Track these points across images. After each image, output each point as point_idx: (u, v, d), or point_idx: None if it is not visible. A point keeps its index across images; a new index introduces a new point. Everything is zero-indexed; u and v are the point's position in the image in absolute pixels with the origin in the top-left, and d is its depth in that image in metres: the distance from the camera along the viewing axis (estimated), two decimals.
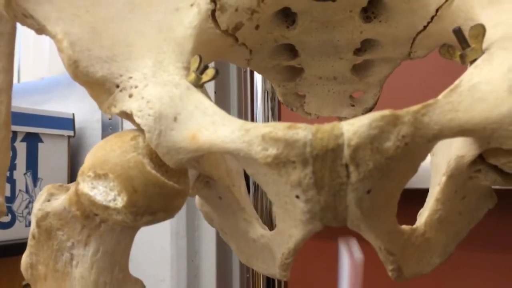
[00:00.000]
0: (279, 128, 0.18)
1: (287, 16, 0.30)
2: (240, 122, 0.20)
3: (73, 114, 0.92)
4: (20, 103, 0.88)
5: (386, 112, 0.18)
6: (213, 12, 0.27)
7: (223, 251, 0.81)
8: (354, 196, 0.19)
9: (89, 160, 0.22)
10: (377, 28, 0.29)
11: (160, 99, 0.22)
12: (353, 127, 0.18)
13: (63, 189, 0.25)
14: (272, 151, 0.18)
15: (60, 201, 0.24)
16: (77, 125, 0.94)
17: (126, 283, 0.25)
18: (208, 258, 0.82)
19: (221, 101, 0.70)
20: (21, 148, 0.83)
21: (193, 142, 0.21)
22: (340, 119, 0.35)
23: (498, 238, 0.56)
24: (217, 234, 0.80)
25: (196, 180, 0.26)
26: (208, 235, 0.81)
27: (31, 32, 0.32)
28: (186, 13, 0.27)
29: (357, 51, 0.32)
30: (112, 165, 0.22)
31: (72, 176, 0.94)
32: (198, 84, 0.23)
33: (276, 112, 0.53)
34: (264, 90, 0.52)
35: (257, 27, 0.29)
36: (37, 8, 0.23)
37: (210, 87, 0.70)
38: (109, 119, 0.94)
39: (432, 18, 0.26)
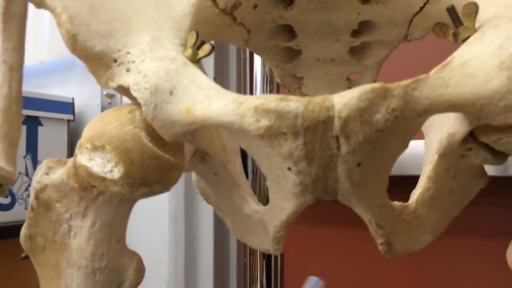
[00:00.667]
0: (271, 100, 0.18)
1: None
2: (234, 95, 0.20)
3: (73, 99, 0.92)
4: None
5: (376, 85, 0.18)
6: None
7: (220, 235, 0.82)
8: (345, 169, 0.19)
9: (87, 133, 0.23)
10: (374, 9, 0.29)
11: (156, 73, 0.22)
12: (344, 99, 0.18)
13: (61, 163, 0.26)
14: (264, 122, 0.19)
15: (59, 174, 0.25)
16: (76, 109, 0.94)
17: (123, 255, 0.25)
18: (205, 242, 0.82)
19: (220, 85, 0.71)
20: (21, 131, 0.83)
21: (187, 116, 0.21)
22: None
23: (493, 225, 0.57)
24: (215, 219, 0.81)
25: (192, 155, 0.27)
26: (206, 220, 0.82)
27: (31, 17, 0.32)
28: None
29: (355, 33, 0.32)
30: (109, 137, 0.22)
31: None
32: (195, 60, 0.24)
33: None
34: (264, 74, 0.52)
35: (255, 6, 0.29)
36: None
37: (210, 72, 0.70)
38: (109, 103, 0.94)
39: None
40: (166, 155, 0.23)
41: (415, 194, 0.26)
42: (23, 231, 0.26)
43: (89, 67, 0.24)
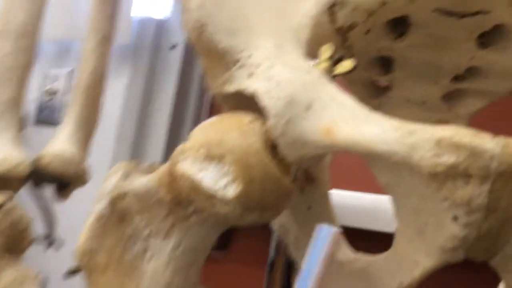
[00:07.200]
0: (463, 134, 0.16)
1: (398, 27, 0.28)
2: (395, 121, 0.18)
3: None
4: None
5: None
6: (332, 6, 0.25)
7: None
8: None
9: (197, 138, 0.19)
10: (490, 56, 0.28)
11: (291, 82, 0.19)
12: None
13: (143, 169, 0.22)
14: (449, 159, 0.16)
15: (145, 181, 0.21)
16: None
17: None
18: None
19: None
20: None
21: (327, 137, 0.18)
22: None
23: None
24: None
25: None
26: None
27: None
28: (303, 0, 0.25)
29: (457, 78, 0.30)
30: (231, 147, 0.18)
31: None
32: (330, 75, 0.21)
33: None
34: None
35: (367, 31, 0.27)
36: None
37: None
38: (49, 100, 0.85)
39: None
40: (285, 180, 0.19)
41: None
42: (81, 244, 0.22)
43: (207, 64, 0.21)
